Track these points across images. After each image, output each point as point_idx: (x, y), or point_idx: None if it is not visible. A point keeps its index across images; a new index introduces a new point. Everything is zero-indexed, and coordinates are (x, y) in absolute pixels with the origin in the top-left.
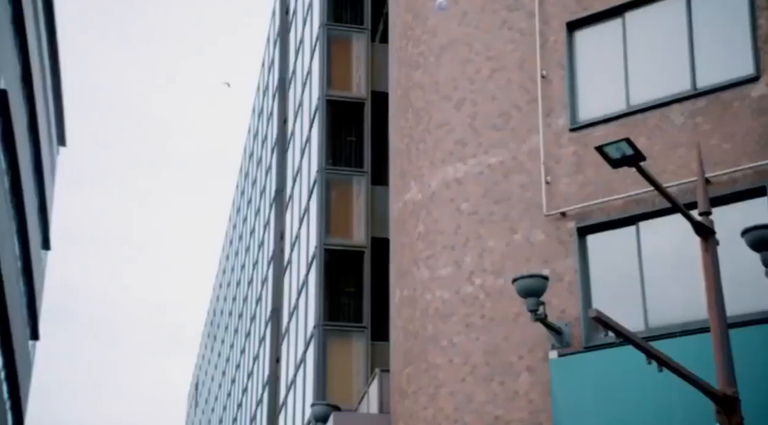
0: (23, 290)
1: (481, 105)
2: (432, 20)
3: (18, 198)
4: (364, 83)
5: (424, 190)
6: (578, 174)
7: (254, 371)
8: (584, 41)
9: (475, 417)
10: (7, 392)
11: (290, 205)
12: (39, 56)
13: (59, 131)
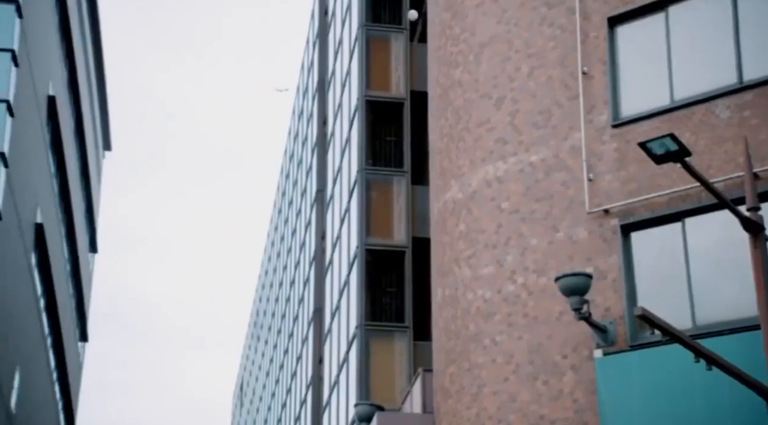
0: (72, 293)
1: (521, 103)
2: (471, 18)
3: (66, 202)
4: (403, 83)
5: (465, 189)
6: (621, 171)
7: (298, 371)
8: (626, 36)
9: (519, 417)
10: (59, 392)
11: (331, 205)
12: (85, 62)
13: (104, 135)
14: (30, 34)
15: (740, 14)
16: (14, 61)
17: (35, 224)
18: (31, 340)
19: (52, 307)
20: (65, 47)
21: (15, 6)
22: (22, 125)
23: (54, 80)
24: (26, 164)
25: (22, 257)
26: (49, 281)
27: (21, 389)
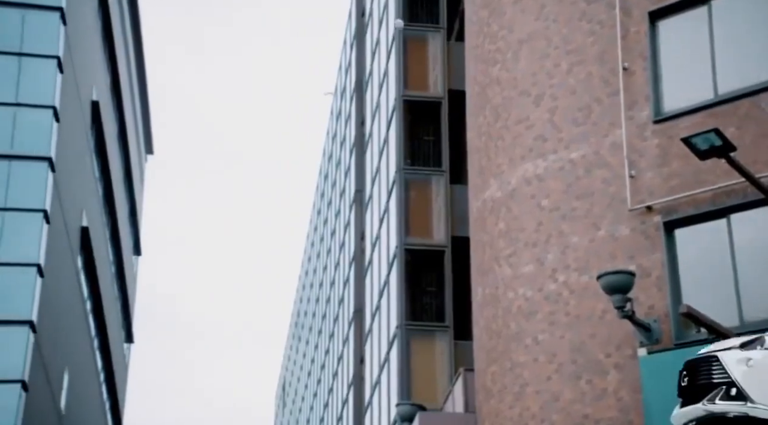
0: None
1: (560, 100)
2: (509, 15)
3: (110, 205)
4: (440, 82)
5: (504, 187)
6: (663, 167)
7: (339, 371)
8: (668, 31)
9: (562, 416)
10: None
11: (370, 206)
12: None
13: (147, 139)
14: (74, 40)
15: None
16: (59, 68)
17: (81, 227)
18: (78, 342)
19: (98, 309)
20: (108, 53)
21: (60, 14)
22: (67, 131)
23: (97, 85)
24: (72, 168)
25: (69, 261)
26: (95, 283)
27: (70, 390)
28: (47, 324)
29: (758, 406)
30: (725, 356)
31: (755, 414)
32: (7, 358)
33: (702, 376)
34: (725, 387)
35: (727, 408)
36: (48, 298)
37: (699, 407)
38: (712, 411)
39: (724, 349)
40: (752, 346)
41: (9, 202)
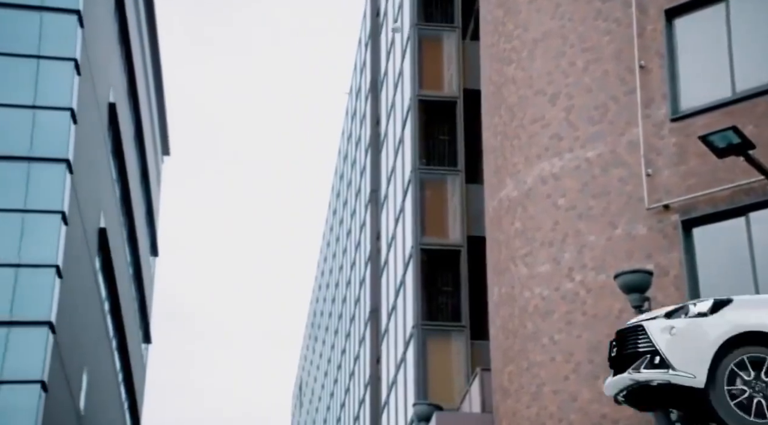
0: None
1: (576, 98)
2: (524, 14)
3: (128, 206)
4: (455, 82)
5: (520, 186)
6: (681, 165)
7: (355, 371)
8: (684, 28)
9: (580, 416)
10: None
11: (385, 205)
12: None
13: (163, 140)
14: (91, 43)
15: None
16: (77, 70)
17: (99, 228)
18: (97, 342)
19: (116, 310)
20: (124, 55)
21: (77, 16)
22: (84, 132)
23: (114, 87)
24: (89, 170)
25: (87, 262)
26: (113, 284)
27: (89, 390)
28: (66, 324)
29: (680, 373)
30: (650, 325)
31: (677, 381)
32: (26, 359)
33: (629, 346)
34: (649, 356)
35: (651, 376)
36: (67, 299)
37: (625, 376)
38: (637, 379)
39: (650, 319)
40: (677, 315)
41: (28, 204)
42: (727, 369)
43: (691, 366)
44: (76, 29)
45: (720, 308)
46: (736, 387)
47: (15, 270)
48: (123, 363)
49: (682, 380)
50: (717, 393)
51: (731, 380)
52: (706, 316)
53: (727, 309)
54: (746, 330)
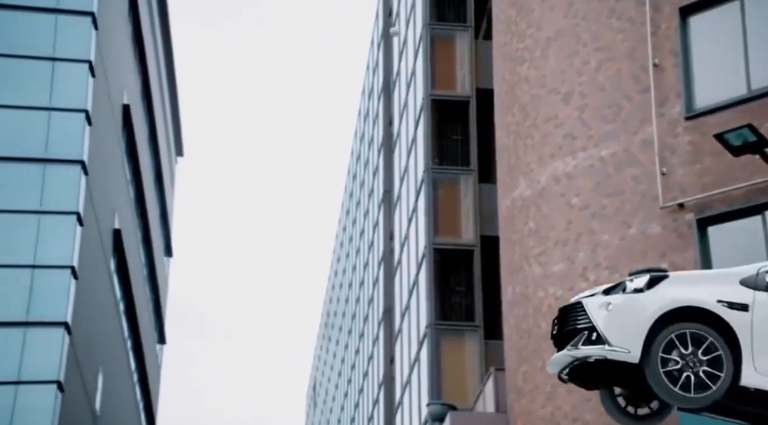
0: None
1: (590, 97)
2: (537, 13)
3: (142, 207)
4: (468, 81)
5: (533, 186)
6: (695, 164)
7: (369, 371)
8: (699, 26)
9: (595, 416)
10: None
11: (398, 205)
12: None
13: (177, 141)
14: (105, 44)
15: None
16: (91, 72)
17: (114, 229)
18: (112, 343)
19: (131, 310)
20: (138, 56)
21: (91, 18)
22: (99, 134)
23: (128, 89)
24: (104, 171)
25: (102, 262)
26: (127, 285)
27: (104, 390)
28: (82, 325)
29: (616, 349)
30: (589, 302)
31: (613, 357)
32: (43, 359)
33: (569, 323)
34: (587, 332)
35: (588, 352)
36: (82, 300)
37: (565, 353)
38: (575, 356)
39: (589, 295)
40: (615, 291)
41: (43, 205)
42: (661, 345)
43: (627, 342)
44: (91, 31)
45: (656, 283)
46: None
47: (31, 271)
48: (138, 364)
49: (618, 355)
50: (651, 368)
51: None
52: (642, 292)
53: (662, 285)
54: (680, 305)
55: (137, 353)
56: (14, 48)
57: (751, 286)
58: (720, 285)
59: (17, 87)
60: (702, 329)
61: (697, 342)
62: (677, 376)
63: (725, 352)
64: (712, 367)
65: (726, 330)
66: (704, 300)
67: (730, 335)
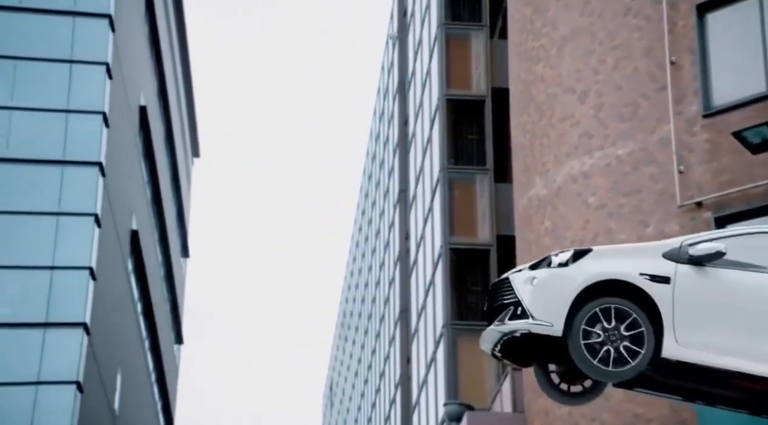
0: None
1: (606, 96)
2: (552, 12)
3: (159, 208)
4: (483, 81)
5: (549, 185)
6: (713, 162)
7: (386, 371)
8: (717, 24)
9: (613, 415)
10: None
11: (414, 205)
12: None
13: (193, 142)
14: (122, 47)
15: None
16: (108, 74)
17: (131, 230)
18: (130, 343)
19: (148, 311)
20: (155, 58)
21: (108, 20)
22: (116, 136)
23: (145, 91)
24: (121, 172)
25: (120, 263)
26: (145, 285)
27: (123, 390)
28: (100, 326)
29: (539, 322)
30: (515, 277)
31: (537, 330)
32: (62, 360)
33: (497, 298)
34: (513, 307)
35: (514, 327)
36: (100, 300)
37: (493, 328)
38: (502, 331)
39: (516, 271)
40: (540, 266)
41: (62, 206)
42: (584, 319)
43: (550, 315)
44: (108, 34)
45: (579, 257)
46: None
47: (50, 273)
48: (156, 364)
49: (541, 329)
50: (573, 342)
51: (587, 329)
52: (566, 266)
53: (586, 259)
54: (603, 278)
55: (155, 353)
56: (32, 51)
57: (673, 259)
58: (643, 259)
59: (35, 90)
60: (624, 303)
61: (619, 316)
62: (598, 350)
63: (646, 326)
64: (633, 341)
65: (648, 303)
66: (627, 273)
67: (653, 308)
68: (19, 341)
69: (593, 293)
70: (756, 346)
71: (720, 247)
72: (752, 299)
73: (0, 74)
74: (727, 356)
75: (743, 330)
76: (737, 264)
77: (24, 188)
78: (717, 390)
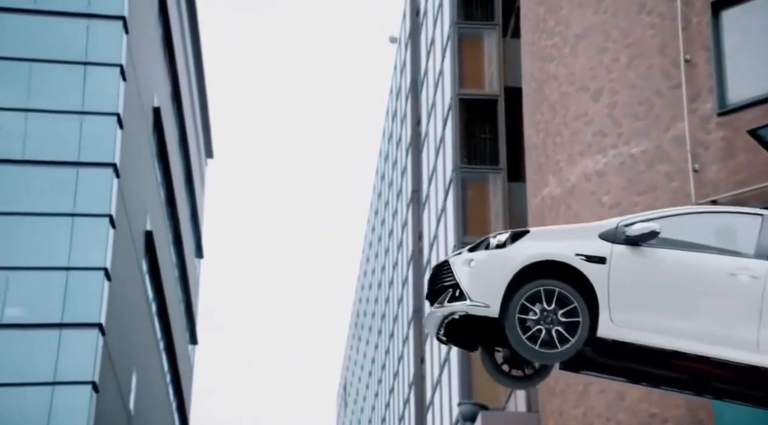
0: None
1: (620, 94)
2: (566, 10)
3: (173, 209)
4: (496, 80)
5: (563, 184)
6: (728, 160)
7: (400, 371)
8: (731, 21)
9: (628, 415)
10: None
11: (427, 205)
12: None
13: (206, 143)
14: (135, 48)
15: None
16: (122, 76)
17: (145, 231)
18: (145, 344)
19: (163, 311)
20: (168, 59)
21: (122, 22)
22: (130, 137)
23: (158, 92)
24: (135, 174)
25: (135, 264)
26: (159, 286)
27: (138, 391)
28: (115, 326)
29: (476, 303)
30: (455, 260)
31: (474, 312)
32: (78, 360)
33: (438, 281)
34: (452, 289)
35: (453, 308)
36: (115, 301)
37: (432, 310)
38: (441, 313)
39: (456, 254)
40: (479, 248)
41: (77, 208)
42: (520, 300)
43: (487, 297)
44: (122, 35)
45: (517, 239)
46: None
47: (65, 274)
48: (171, 364)
49: (478, 310)
50: (509, 323)
51: (523, 310)
52: (504, 247)
53: (523, 240)
54: (539, 259)
55: (170, 353)
56: (47, 53)
57: (609, 239)
58: (579, 239)
59: (50, 92)
60: (559, 284)
61: (555, 297)
62: (534, 331)
63: (582, 307)
64: (568, 322)
65: (585, 283)
66: (562, 254)
67: (589, 288)
68: (35, 342)
69: (531, 274)
70: (690, 325)
71: (654, 227)
72: (687, 278)
73: (16, 76)
74: (662, 335)
75: (678, 308)
76: (672, 244)
77: (39, 189)
78: (659, 371)
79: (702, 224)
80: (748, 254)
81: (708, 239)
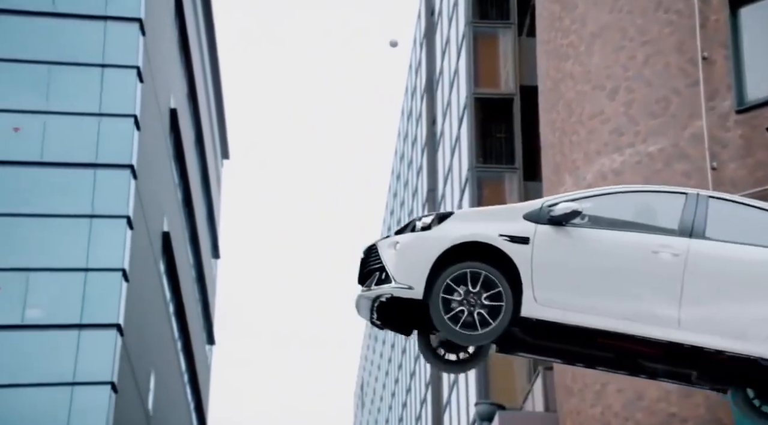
0: (198, 298)
1: (636, 92)
2: (581, 8)
3: (190, 210)
4: (512, 79)
5: (580, 183)
6: (747, 158)
7: (416, 371)
8: (749, 18)
9: (646, 415)
10: (191, 393)
11: (442, 205)
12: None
13: (223, 144)
14: (152, 50)
15: None
16: (139, 78)
17: (163, 232)
18: (163, 344)
19: (180, 312)
20: (184, 61)
21: (139, 24)
22: (147, 138)
23: (175, 93)
24: (152, 175)
25: (152, 265)
26: (177, 286)
27: (156, 391)
28: (133, 327)
29: (401, 285)
30: (382, 243)
31: (399, 294)
32: (97, 361)
33: (366, 266)
34: (378, 273)
35: (379, 291)
36: (133, 302)
37: (359, 294)
38: (369, 296)
39: (384, 238)
40: (405, 231)
41: (95, 209)
42: (443, 281)
43: (411, 278)
44: (138, 37)
45: (442, 220)
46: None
47: (84, 275)
48: (188, 364)
49: (402, 292)
50: (433, 304)
51: (448, 291)
52: (429, 229)
53: (448, 222)
54: (463, 240)
55: (187, 354)
56: (64, 55)
57: (533, 220)
58: (503, 221)
59: (68, 94)
60: (482, 266)
61: (478, 278)
62: (457, 312)
63: (504, 287)
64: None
65: (509, 264)
66: (486, 235)
67: (513, 269)
68: (54, 342)
69: (458, 256)
70: (612, 303)
71: (576, 206)
72: (609, 256)
73: (34, 79)
74: (585, 313)
75: (600, 287)
76: (597, 223)
77: (57, 191)
78: (590, 351)
79: (627, 203)
80: (672, 232)
81: (633, 218)
